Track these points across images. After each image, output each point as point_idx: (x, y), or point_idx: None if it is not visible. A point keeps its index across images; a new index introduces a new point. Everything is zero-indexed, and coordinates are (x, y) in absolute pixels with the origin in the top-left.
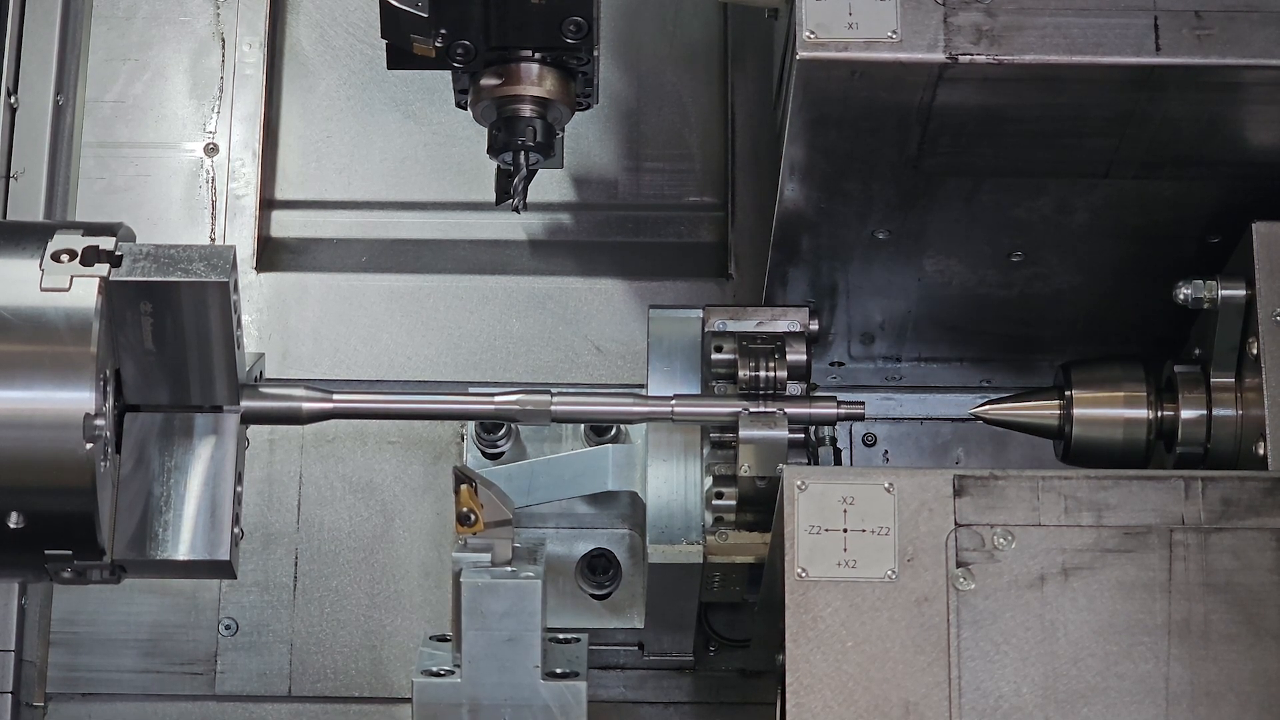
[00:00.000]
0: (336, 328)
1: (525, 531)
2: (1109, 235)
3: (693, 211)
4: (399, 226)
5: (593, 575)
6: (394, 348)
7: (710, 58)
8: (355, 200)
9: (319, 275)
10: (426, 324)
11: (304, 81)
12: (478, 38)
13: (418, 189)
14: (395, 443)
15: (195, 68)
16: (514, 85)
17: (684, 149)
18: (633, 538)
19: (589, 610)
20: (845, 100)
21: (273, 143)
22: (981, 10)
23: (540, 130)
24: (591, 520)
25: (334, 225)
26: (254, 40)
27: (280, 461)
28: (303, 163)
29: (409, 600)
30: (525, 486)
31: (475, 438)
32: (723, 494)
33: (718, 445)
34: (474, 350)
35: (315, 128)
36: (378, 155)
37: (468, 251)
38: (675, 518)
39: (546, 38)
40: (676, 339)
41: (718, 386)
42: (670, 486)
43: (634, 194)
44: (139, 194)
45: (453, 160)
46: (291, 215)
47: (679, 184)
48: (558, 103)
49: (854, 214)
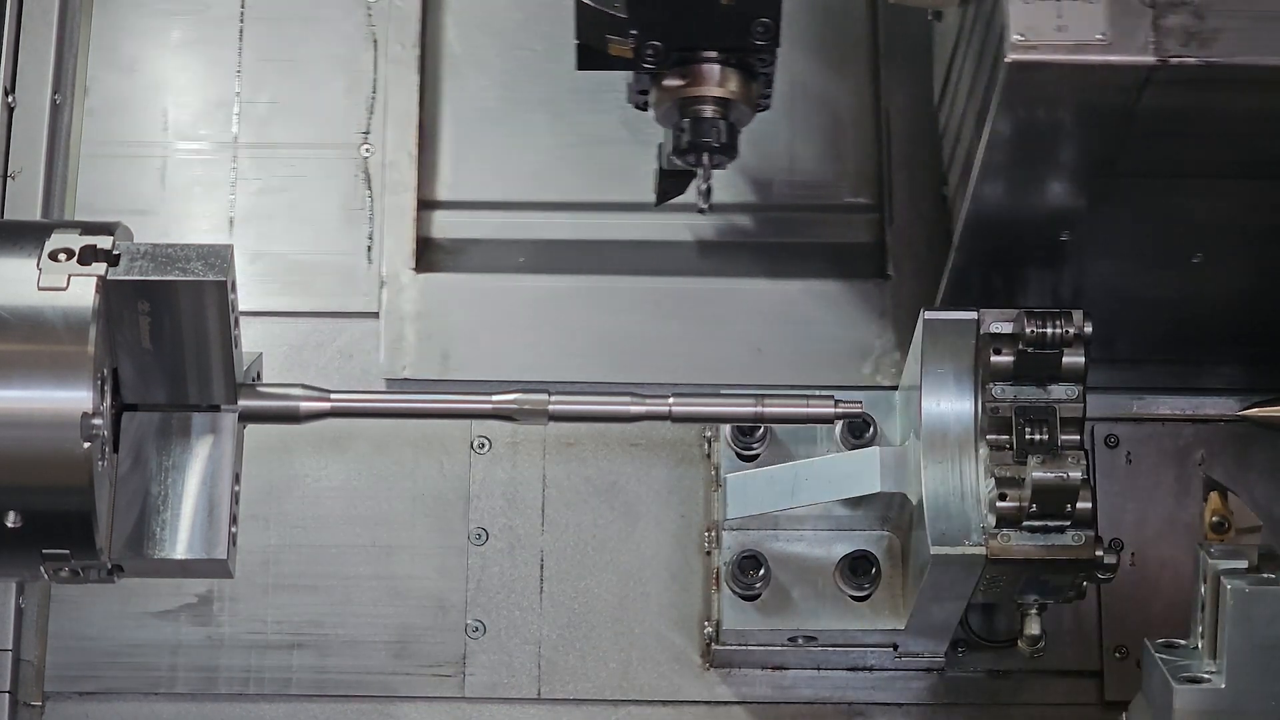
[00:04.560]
0: (495, 329)
1: (782, 533)
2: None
3: (846, 213)
4: (551, 227)
5: (854, 576)
6: (552, 350)
7: (859, 56)
8: (508, 201)
9: (477, 276)
10: (583, 326)
11: (454, 82)
12: (667, 38)
13: (568, 189)
14: (639, 445)
15: (348, 69)
16: (699, 86)
17: (835, 149)
18: (891, 540)
19: (849, 611)
20: (1050, 102)
21: (427, 144)
22: (1190, 12)
23: (725, 131)
24: (849, 523)
25: (488, 226)
26: (406, 41)
27: (523, 464)
28: (456, 163)
29: (656, 602)
30: (788, 489)
31: (730, 440)
32: (1006, 495)
33: (996, 447)
34: (632, 352)
35: (467, 128)
36: (529, 156)
37: (623, 252)
38: (954, 519)
39: (734, 38)
40: (950, 342)
41: (994, 389)
42: (947, 488)
43: (786, 194)
44: (295, 194)
45: (602, 160)
46: (447, 216)
47: (831, 184)
48: (740, 104)
49: (1041, 216)
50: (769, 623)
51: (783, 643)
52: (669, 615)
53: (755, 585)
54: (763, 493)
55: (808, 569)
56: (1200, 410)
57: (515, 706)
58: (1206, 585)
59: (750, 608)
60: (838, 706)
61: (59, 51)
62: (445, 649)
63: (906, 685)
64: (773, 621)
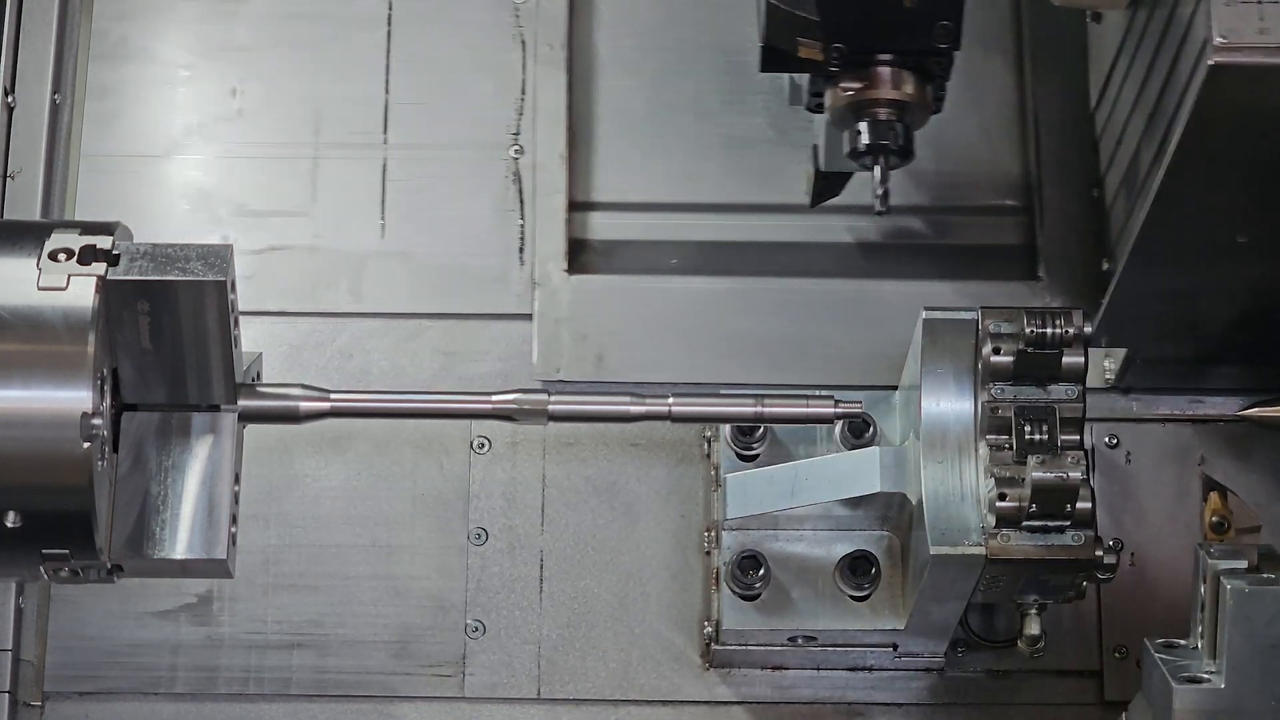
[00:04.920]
0: (649, 331)
1: (782, 533)
2: None
3: (994, 215)
4: (701, 228)
5: (853, 576)
6: (706, 352)
7: (1004, 57)
8: (657, 202)
9: (629, 278)
10: (736, 328)
11: (602, 83)
12: (851, 40)
13: (717, 191)
14: (639, 444)
15: (496, 70)
16: (878, 89)
17: (981, 150)
18: (891, 540)
19: (849, 611)
20: (1248, 104)
21: (576, 145)
22: None
23: (902, 134)
24: (849, 522)
25: (638, 227)
26: (554, 41)
27: (523, 464)
28: (605, 165)
29: (656, 602)
30: (788, 489)
31: (730, 440)
32: (1005, 495)
33: (996, 447)
34: (780, 354)
35: (615, 129)
36: (678, 157)
37: (773, 254)
38: (954, 519)
39: (916, 41)
40: (950, 342)
41: (994, 389)
42: (947, 488)
43: (933, 195)
44: (444, 193)
45: (750, 162)
46: (598, 217)
47: (978, 186)
48: (916, 106)
49: (1221, 218)
50: (769, 623)
51: (783, 643)
52: (669, 615)
53: (755, 585)
54: (763, 493)
55: (808, 569)
56: (1200, 410)
57: (515, 706)
58: (1206, 585)
59: (750, 608)
60: (837, 706)
61: (59, 51)
62: (445, 649)
63: (906, 685)
64: (773, 621)
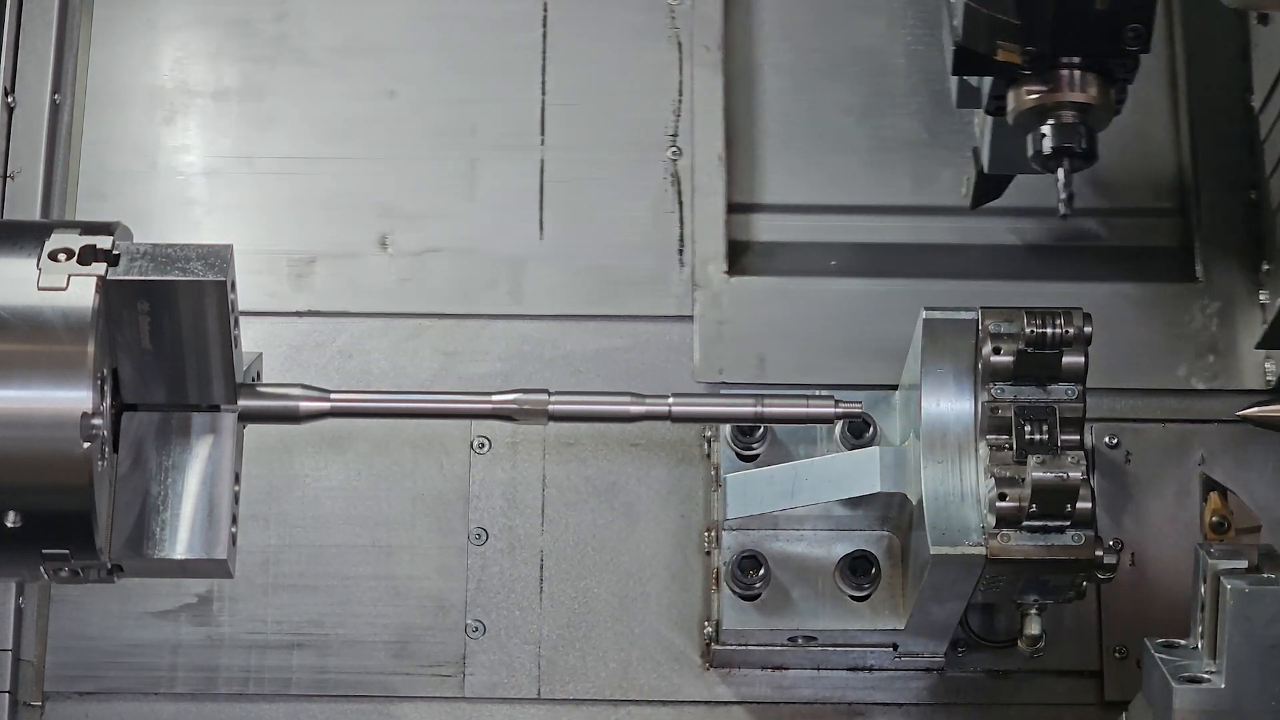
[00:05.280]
0: (809, 333)
1: (782, 533)
2: None
3: (1150, 217)
4: (860, 230)
5: (853, 576)
6: (865, 354)
7: (1158, 59)
8: (815, 204)
9: (788, 279)
10: (895, 330)
11: (758, 84)
12: (1044, 43)
13: (874, 193)
14: (639, 445)
15: (652, 71)
16: (1063, 92)
17: (1135, 152)
18: (891, 540)
19: (849, 611)
20: None
21: (735, 146)
22: None
23: (1086, 137)
24: (849, 522)
25: (797, 229)
26: (710, 43)
27: (523, 464)
28: (762, 166)
29: (656, 602)
30: (788, 489)
31: (730, 440)
32: (1005, 495)
33: (996, 447)
34: None
35: (770, 131)
36: (833, 159)
37: (932, 256)
38: (954, 519)
39: (1108, 43)
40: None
41: (994, 389)
42: (947, 488)
43: (1088, 198)
44: (602, 194)
45: (905, 164)
46: (757, 219)
47: (1133, 188)
48: (1100, 109)
49: None
50: (769, 623)
51: (783, 643)
52: (669, 615)
53: (755, 585)
54: (763, 493)
55: (808, 569)
56: (1200, 410)
57: (515, 706)
58: (1206, 585)
59: (750, 608)
60: (837, 706)
61: (59, 51)
62: (445, 649)
63: (906, 685)
64: (773, 621)
